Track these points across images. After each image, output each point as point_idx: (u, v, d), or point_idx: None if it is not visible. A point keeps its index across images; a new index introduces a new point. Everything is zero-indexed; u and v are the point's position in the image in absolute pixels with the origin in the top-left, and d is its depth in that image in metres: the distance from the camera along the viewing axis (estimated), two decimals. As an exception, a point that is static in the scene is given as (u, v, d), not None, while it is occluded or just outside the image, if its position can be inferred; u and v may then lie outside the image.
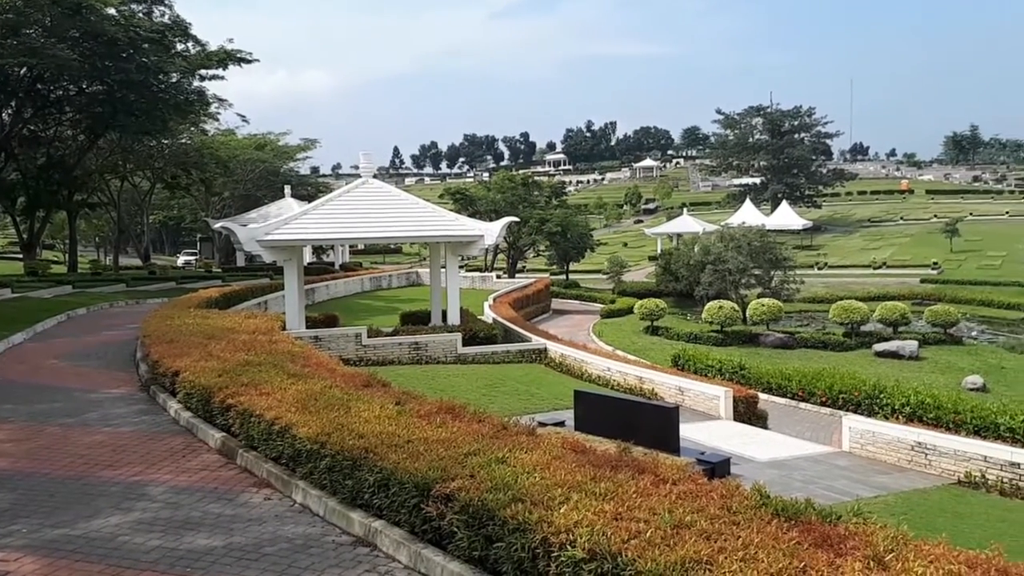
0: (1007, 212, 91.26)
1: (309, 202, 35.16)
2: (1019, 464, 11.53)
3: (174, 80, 43.94)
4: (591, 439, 12.03)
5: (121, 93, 39.92)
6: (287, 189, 57.45)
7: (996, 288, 49.24)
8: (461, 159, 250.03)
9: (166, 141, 51.29)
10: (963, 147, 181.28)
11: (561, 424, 13.97)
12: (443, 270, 24.91)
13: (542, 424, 13.93)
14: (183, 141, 54.40)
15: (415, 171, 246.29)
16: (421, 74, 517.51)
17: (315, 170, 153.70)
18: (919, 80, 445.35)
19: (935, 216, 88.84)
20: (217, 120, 56.71)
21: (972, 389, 24.09)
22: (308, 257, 57.65)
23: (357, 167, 25.62)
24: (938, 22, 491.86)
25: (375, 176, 25.25)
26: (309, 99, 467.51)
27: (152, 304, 31.19)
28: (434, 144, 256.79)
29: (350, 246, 66.56)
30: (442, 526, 5.97)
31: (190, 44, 44.01)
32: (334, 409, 8.62)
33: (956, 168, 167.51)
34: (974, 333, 37.78)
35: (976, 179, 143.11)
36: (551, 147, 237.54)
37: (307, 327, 22.68)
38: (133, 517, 7.60)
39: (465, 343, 22.77)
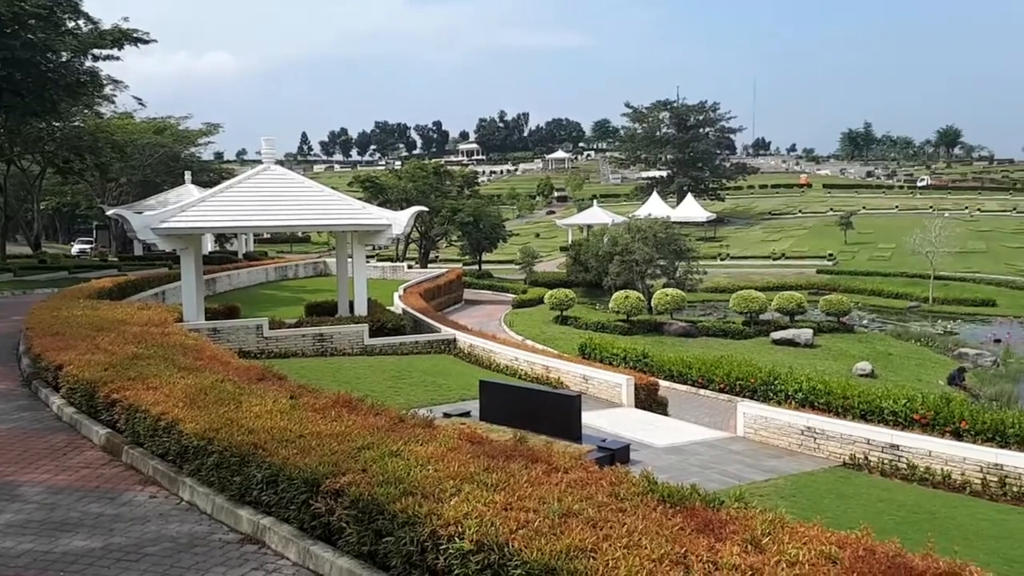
0: (897, 206, 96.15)
1: (211, 189, 33.98)
2: (898, 446, 12.15)
3: (64, 59, 41.61)
4: (495, 429, 12.10)
5: (6, 72, 37.54)
6: (187, 175, 55.42)
7: (886, 279, 51.87)
8: (372, 147, 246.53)
9: (57, 124, 48.53)
10: (858, 143, 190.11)
11: (467, 415, 13.96)
12: (350, 260, 24.49)
13: (447, 415, 13.89)
14: (76, 124, 51.61)
15: (324, 158, 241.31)
16: (332, 59, 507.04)
17: (219, 156, 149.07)
18: (818, 78, 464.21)
19: (831, 209, 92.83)
20: (113, 103, 54.18)
21: (862, 375, 25.32)
22: (210, 246, 55.77)
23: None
24: (836, 23, 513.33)
25: (280, 163, 24.59)
26: (213, 82, 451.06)
27: (41, 294, 29.62)
28: (344, 131, 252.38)
29: (255, 235, 64.76)
30: (332, 522, 5.85)
31: (81, 22, 41.78)
32: (224, 404, 8.35)
33: (851, 163, 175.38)
34: (865, 321, 39.76)
35: (869, 174, 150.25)
36: (464, 136, 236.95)
37: (206, 318, 21.92)
38: (3, 520, 7.17)
39: (372, 334, 22.47)
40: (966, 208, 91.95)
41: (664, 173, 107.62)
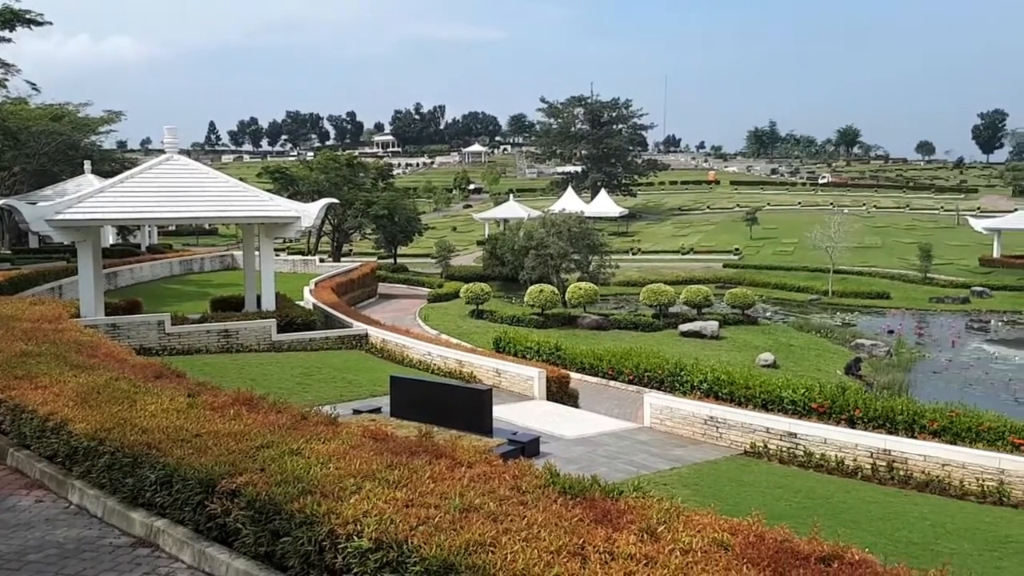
0: (799, 203, 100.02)
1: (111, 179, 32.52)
2: (796, 434, 12.65)
3: (-55, 39, 39.15)
4: (405, 425, 12.02)
5: None
6: (87, 165, 52.86)
7: (788, 272, 53.85)
8: (283, 137, 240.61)
9: (-61, 108, 45.64)
10: (763, 141, 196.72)
11: (377, 411, 13.84)
12: (258, 253, 23.87)
13: (357, 411, 13.74)
14: (-38, 109, 48.64)
15: (233, 148, 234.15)
16: (241, 47, 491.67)
17: (122, 144, 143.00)
18: (726, 78, 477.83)
19: (738, 205, 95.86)
20: (4, 87, 51.15)
21: (764, 365, 26.22)
22: (111, 239, 53.42)
23: (164, 142, 23.97)
24: (742, 24, 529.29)
25: (187, 153, 23.77)
26: (115, 68, 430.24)
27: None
28: (254, 120, 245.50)
29: (159, 227, 62.39)
30: (228, 523, 5.69)
31: (-34, 1, 39.35)
32: (118, 403, 8.02)
33: (757, 161, 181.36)
34: (768, 314, 41.21)
35: (774, 171, 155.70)
36: (379, 128, 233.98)
37: (106, 314, 21.02)
38: None
39: (281, 330, 21.98)
40: (863, 205, 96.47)
41: (579, 168, 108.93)
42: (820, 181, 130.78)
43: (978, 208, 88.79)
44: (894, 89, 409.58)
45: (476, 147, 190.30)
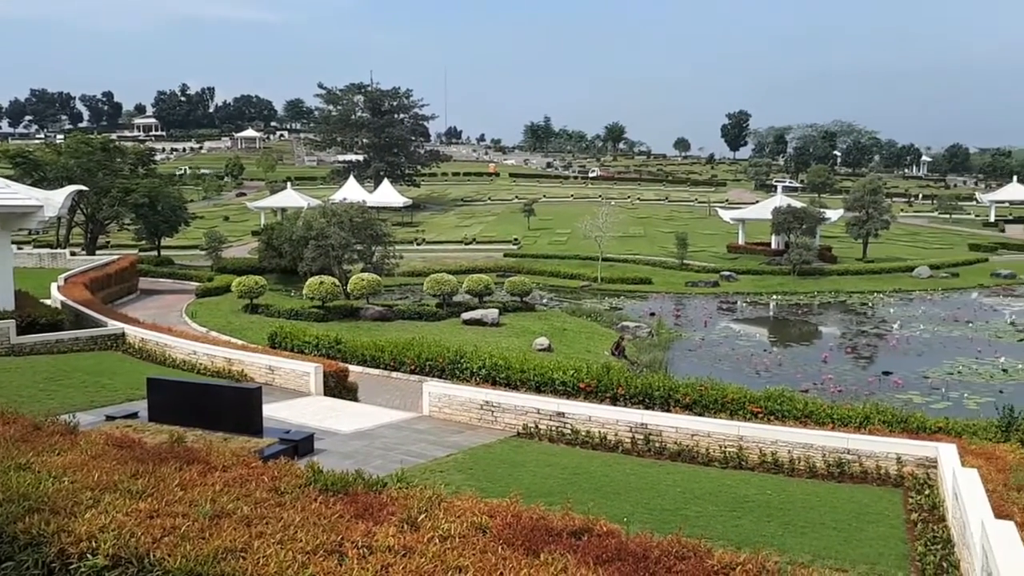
0: (572, 195, 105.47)
1: None
2: (564, 414, 13.30)
3: None
4: (164, 430, 11.20)
5: None
6: None
7: (563, 261, 56.61)
8: (27, 118, 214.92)
9: None
10: (539, 136, 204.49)
11: (134, 416, 12.81)
12: (-9, 246, 21.20)
13: (111, 417, 12.65)
14: None
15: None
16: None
17: None
18: (503, 72, 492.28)
19: (516, 197, 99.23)
20: None
21: (540, 349, 27.35)
22: None
23: None
24: (512, 20, 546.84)
25: None
26: None
27: None
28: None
29: None
30: (-66, 554, 4.97)
31: None
32: None
33: (534, 154, 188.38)
34: (545, 300, 43.09)
35: (549, 165, 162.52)
36: (140, 110, 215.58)
37: None
38: None
39: (22, 331, 19.70)
40: (628, 197, 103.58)
41: (360, 157, 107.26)
42: (590, 175, 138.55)
43: (726, 200, 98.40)
44: (655, 88, 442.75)
45: (250, 132, 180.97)
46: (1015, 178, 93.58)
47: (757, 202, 75.07)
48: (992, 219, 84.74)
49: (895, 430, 13.56)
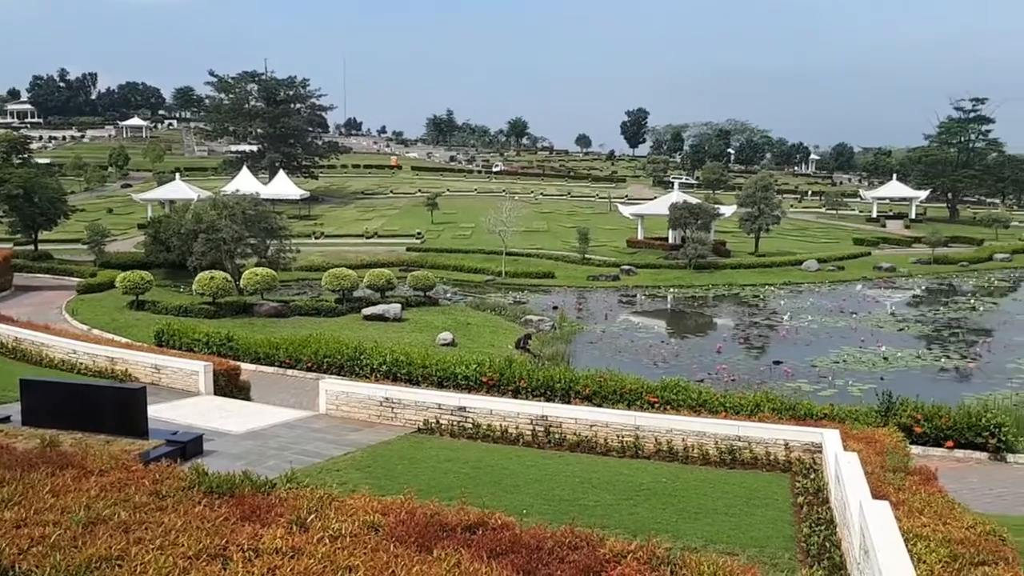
0: (476, 189, 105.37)
1: None
2: (465, 408, 13.26)
3: None
4: (39, 434, 10.53)
5: None
6: None
7: (467, 255, 56.46)
8: None
9: None
10: (442, 129, 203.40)
11: (6, 420, 12.01)
12: None
13: (-22, 422, 11.79)
14: None
15: None
16: None
17: None
18: (404, 63, 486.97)
19: (419, 191, 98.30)
20: None
21: (444, 344, 27.24)
22: None
23: None
24: (416, 13, 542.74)
25: None
26: None
27: None
28: None
29: None
30: None
31: None
32: None
33: (436, 148, 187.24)
34: (448, 295, 42.91)
35: (452, 159, 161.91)
36: (14, 95, 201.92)
37: None
38: None
39: None
40: (532, 192, 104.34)
41: (254, 148, 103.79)
42: (494, 169, 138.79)
43: (626, 196, 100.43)
44: (558, 85, 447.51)
45: (136, 120, 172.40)
46: (895, 176, 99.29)
47: (655, 198, 76.90)
48: (875, 215, 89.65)
49: (784, 417, 14.15)
